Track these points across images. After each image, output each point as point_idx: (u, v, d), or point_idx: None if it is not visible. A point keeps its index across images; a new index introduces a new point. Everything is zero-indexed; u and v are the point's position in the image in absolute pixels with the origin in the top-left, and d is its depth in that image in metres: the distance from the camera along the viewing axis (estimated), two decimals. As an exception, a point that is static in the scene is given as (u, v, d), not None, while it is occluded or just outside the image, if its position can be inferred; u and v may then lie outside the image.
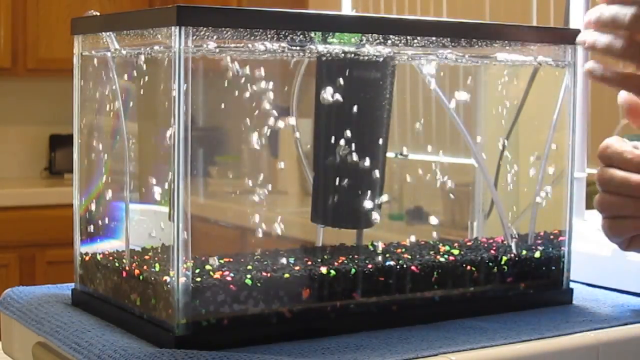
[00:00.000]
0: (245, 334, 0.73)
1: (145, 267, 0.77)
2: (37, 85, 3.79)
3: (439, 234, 0.87)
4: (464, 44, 0.84)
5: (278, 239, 0.80)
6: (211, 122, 0.78)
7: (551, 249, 0.88)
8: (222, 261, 0.77)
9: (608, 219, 0.82)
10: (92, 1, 3.53)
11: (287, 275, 0.75)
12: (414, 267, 0.80)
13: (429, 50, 0.83)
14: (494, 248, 0.87)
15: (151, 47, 0.76)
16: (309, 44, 0.78)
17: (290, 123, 0.83)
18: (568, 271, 0.88)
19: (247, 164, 0.79)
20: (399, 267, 0.80)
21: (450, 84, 0.85)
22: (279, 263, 0.77)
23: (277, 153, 0.82)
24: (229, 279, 0.73)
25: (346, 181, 0.80)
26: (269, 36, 0.75)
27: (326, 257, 0.80)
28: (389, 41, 0.80)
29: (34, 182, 3.72)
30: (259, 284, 0.73)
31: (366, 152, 0.80)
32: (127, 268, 0.78)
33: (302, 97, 0.83)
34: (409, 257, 0.82)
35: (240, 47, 0.76)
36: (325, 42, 0.78)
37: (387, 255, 0.82)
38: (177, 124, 0.70)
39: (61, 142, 3.76)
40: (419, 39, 0.80)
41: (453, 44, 0.83)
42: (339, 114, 0.80)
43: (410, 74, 0.84)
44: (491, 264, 0.85)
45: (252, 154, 0.79)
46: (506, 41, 0.87)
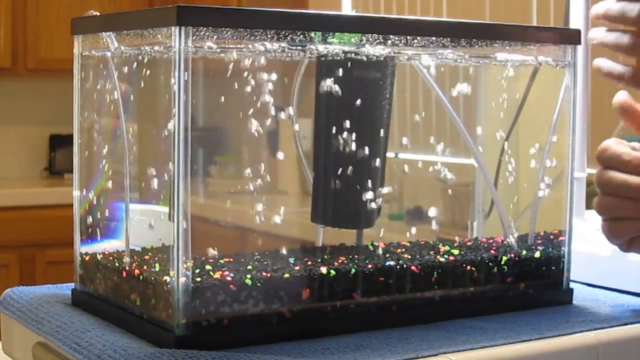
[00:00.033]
0: (245, 334, 0.73)
1: (145, 267, 0.76)
2: (37, 85, 3.79)
3: (439, 233, 0.87)
4: (464, 44, 0.84)
5: (278, 239, 0.80)
6: (211, 122, 0.78)
7: (551, 249, 0.88)
8: (222, 261, 0.77)
9: (607, 221, 0.82)
10: (92, 1, 3.53)
11: (287, 275, 0.75)
12: (414, 267, 0.80)
13: (429, 50, 0.83)
14: (494, 248, 0.87)
15: (151, 47, 0.76)
16: (309, 44, 0.78)
17: (290, 123, 0.83)
18: (568, 271, 0.88)
19: (247, 164, 0.79)
20: (399, 267, 0.80)
21: (451, 84, 0.85)
22: (278, 263, 0.77)
23: (277, 153, 0.82)
24: (229, 279, 0.73)
25: (346, 181, 0.80)
26: (269, 36, 0.75)
27: (326, 257, 0.80)
28: (389, 41, 0.80)
29: (34, 182, 3.71)
30: (259, 284, 0.73)
31: (366, 152, 0.80)
32: (127, 268, 0.78)
33: (302, 97, 0.83)
34: (409, 257, 0.82)
35: (241, 47, 0.76)
36: (325, 42, 0.78)
37: (387, 255, 0.82)
38: (177, 124, 0.70)
39: (61, 142, 3.75)
40: (419, 39, 0.80)
41: (453, 44, 0.83)
42: (339, 114, 0.80)
43: (410, 74, 0.84)
44: (491, 264, 0.85)
45: (252, 154, 0.79)
46: (506, 41, 0.87)
